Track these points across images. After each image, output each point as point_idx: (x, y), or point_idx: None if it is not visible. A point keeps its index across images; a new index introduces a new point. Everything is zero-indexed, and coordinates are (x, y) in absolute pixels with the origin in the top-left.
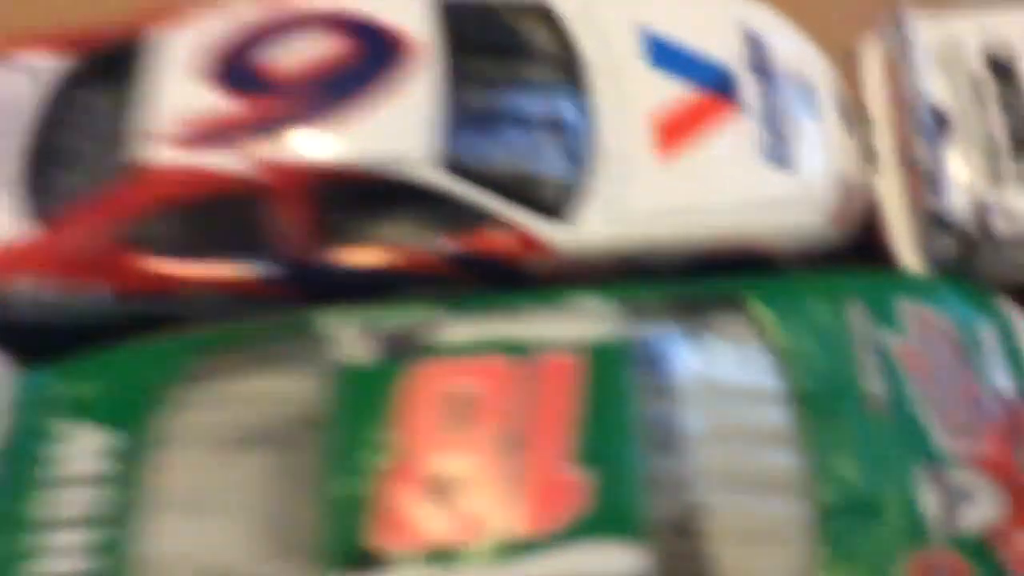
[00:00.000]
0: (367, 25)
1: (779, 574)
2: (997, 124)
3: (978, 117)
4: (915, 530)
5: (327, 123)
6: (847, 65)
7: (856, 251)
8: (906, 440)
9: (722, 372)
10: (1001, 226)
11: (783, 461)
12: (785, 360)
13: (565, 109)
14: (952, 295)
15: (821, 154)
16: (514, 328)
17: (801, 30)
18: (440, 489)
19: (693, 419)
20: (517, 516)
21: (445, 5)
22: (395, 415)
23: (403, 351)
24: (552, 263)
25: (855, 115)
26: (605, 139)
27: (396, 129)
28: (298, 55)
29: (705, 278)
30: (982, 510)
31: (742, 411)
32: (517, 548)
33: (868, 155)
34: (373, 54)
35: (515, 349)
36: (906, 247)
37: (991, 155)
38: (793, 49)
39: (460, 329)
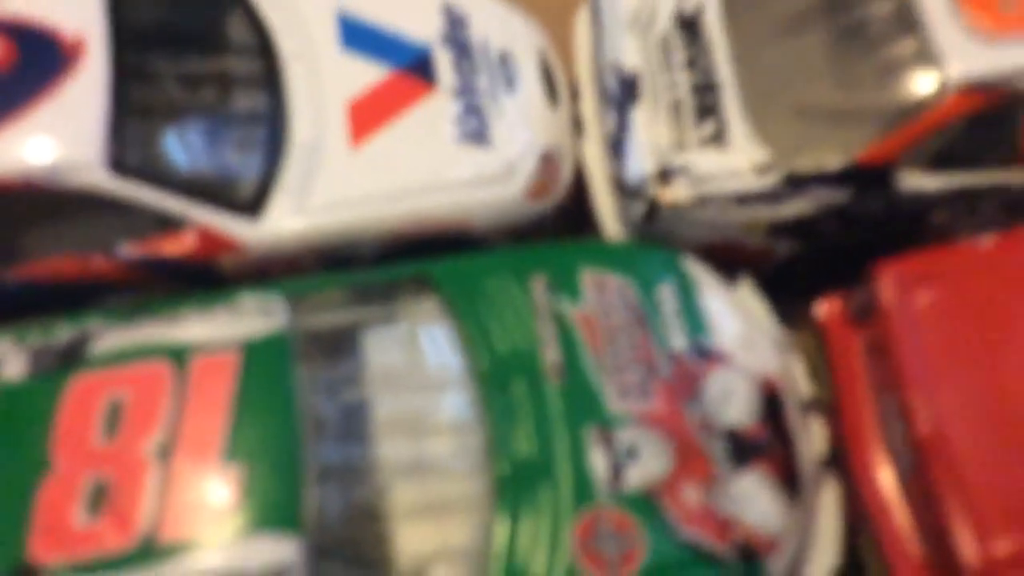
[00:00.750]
0: (25, 28)
1: (457, 545)
2: (683, 84)
3: (666, 79)
4: (583, 491)
5: None
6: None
7: (570, 220)
8: (578, 405)
9: (405, 357)
10: (684, 188)
11: (460, 440)
12: (468, 339)
13: (255, 101)
14: (636, 259)
15: (521, 128)
16: (175, 331)
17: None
18: (95, 499)
19: (376, 406)
20: (170, 518)
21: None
22: (49, 430)
23: (61, 365)
24: (246, 260)
25: (566, 85)
26: (298, 130)
27: (57, 135)
28: None
29: (400, 262)
30: (648, 466)
31: (424, 395)
32: (170, 550)
33: (576, 125)
34: (32, 58)
35: (172, 353)
36: (607, 214)
37: (677, 117)
38: (497, 23)
39: (120, 337)
